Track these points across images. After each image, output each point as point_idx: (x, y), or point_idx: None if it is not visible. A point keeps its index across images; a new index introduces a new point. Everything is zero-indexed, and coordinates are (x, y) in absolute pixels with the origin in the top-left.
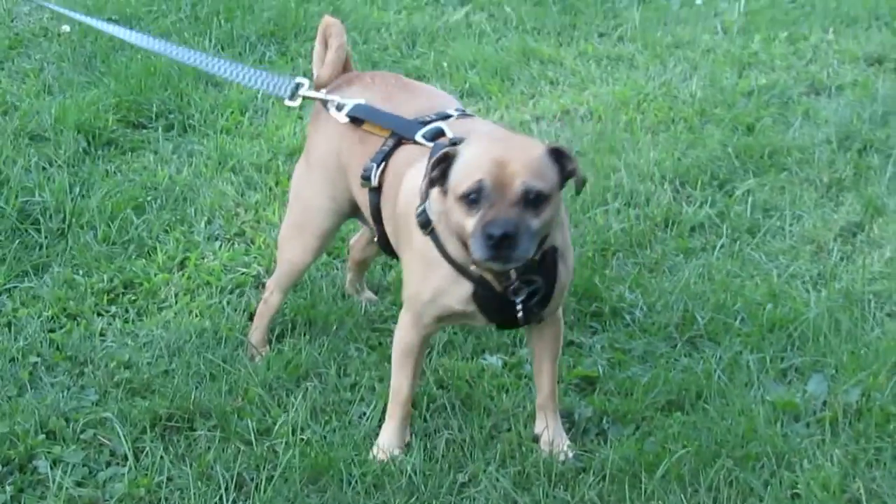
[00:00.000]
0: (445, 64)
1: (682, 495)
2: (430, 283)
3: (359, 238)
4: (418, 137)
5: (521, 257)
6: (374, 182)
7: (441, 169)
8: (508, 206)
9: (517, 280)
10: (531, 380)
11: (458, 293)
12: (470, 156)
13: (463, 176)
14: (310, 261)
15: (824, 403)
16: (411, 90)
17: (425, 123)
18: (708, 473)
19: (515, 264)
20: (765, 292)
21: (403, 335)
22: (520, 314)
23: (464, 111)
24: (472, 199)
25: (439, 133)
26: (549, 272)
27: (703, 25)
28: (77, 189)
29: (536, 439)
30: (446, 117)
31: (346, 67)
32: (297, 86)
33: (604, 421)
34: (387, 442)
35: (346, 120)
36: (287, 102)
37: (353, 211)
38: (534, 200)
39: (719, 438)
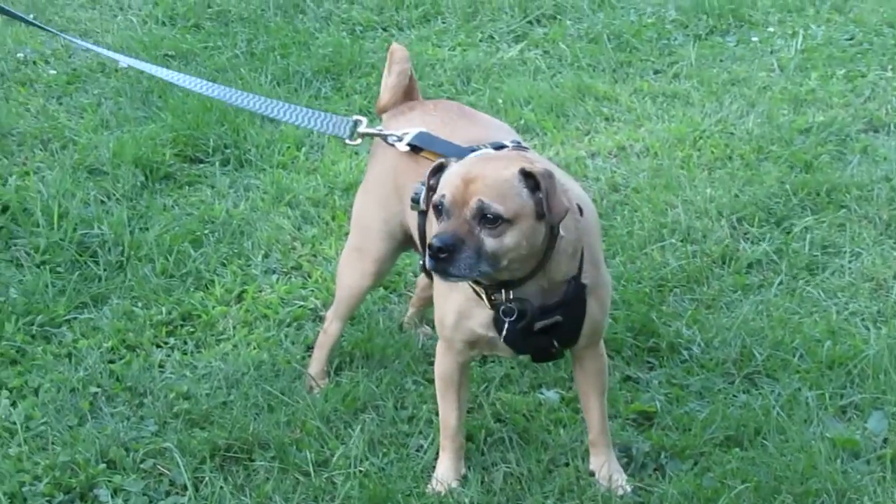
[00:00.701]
0: (500, 100)
1: None
2: (452, 306)
3: (423, 276)
4: None
5: (462, 273)
6: (423, 205)
7: (437, 178)
8: (461, 222)
9: (508, 302)
10: None
11: (480, 317)
12: (449, 171)
13: (438, 189)
14: (367, 286)
15: (885, 441)
16: (471, 119)
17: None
18: None
19: (455, 279)
20: (823, 329)
21: (439, 363)
22: (506, 336)
23: (519, 143)
24: (438, 211)
25: None
26: (573, 307)
27: (759, 63)
28: (135, 222)
29: (593, 474)
30: (500, 147)
31: (412, 95)
32: (356, 123)
33: (662, 456)
34: (443, 474)
35: (407, 149)
36: (348, 142)
37: (407, 237)
38: (491, 220)
39: (778, 475)
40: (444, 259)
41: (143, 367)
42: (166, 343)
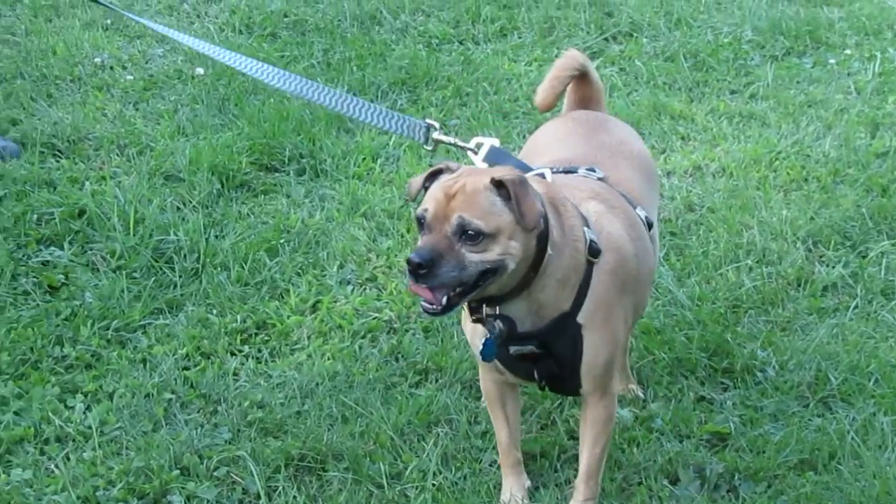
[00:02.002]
0: None
1: None
2: (466, 326)
3: None
4: None
5: (440, 287)
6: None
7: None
8: (441, 237)
9: (490, 316)
10: (662, 434)
11: (478, 333)
12: (437, 182)
13: (423, 201)
14: None
15: None
16: (601, 130)
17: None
18: None
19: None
20: None
21: (481, 381)
22: (483, 351)
23: (593, 169)
24: (420, 225)
25: None
26: (559, 344)
27: (836, 85)
28: (210, 230)
29: None
30: (570, 171)
31: (589, 103)
32: (429, 128)
33: (735, 478)
34: (508, 490)
35: (484, 164)
36: (426, 147)
37: None
38: (472, 236)
39: (853, 500)
40: (423, 275)
41: (218, 374)
42: (240, 351)
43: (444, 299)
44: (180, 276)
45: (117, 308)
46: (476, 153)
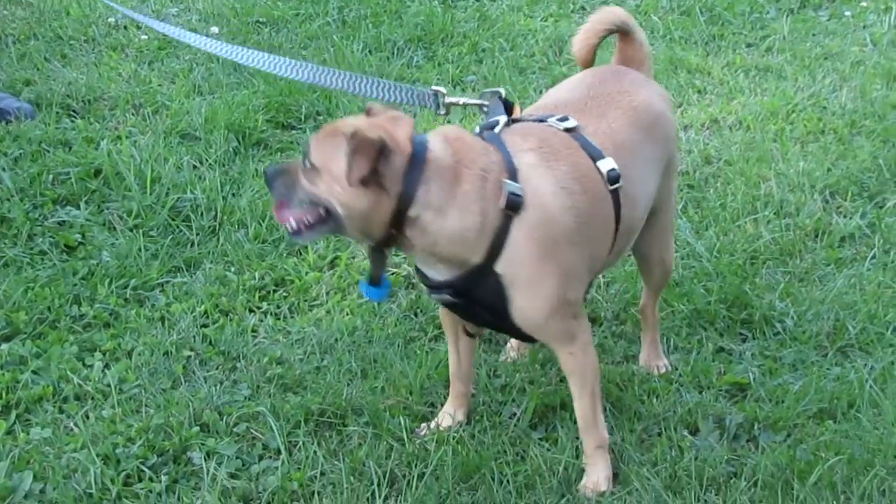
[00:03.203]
0: None
1: (834, 503)
2: None
3: None
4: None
5: (277, 196)
6: None
7: None
8: (297, 162)
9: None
10: (682, 385)
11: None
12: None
13: None
14: None
15: None
16: (618, 80)
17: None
18: (861, 482)
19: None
20: None
21: (439, 311)
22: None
23: (566, 118)
24: None
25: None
26: (479, 293)
27: (852, 37)
28: (228, 188)
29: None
30: (541, 120)
31: (632, 61)
32: (437, 95)
33: (755, 428)
34: (444, 410)
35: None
36: (440, 113)
37: None
38: (309, 167)
39: (872, 448)
40: (267, 184)
41: (237, 331)
42: (259, 308)
43: (293, 222)
44: (198, 235)
45: (135, 267)
46: (485, 112)
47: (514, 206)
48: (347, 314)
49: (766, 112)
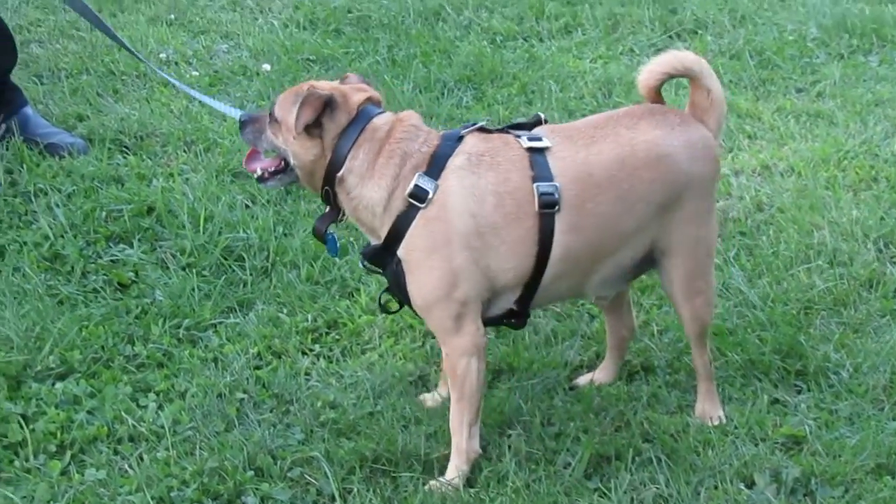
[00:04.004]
0: None
1: None
2: None
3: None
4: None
5: (247, 140)
6: None
7: None
8: (267, 112)
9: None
10: (737, 437)
11: None
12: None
13: None
14: None
15: None
16: (635, 116)
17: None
18: None
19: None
20: None
21: None
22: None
23: (539, 138)
24: None
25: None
26: (388, 272)
27: None
28: (280, 228)
29: None
30: (517, 135)
31: (697, 107)
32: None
33: (812, 482)
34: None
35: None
36: None
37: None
38: (273, 118)
39: None
40: (240, 129)
41: (289, 374)
42: (311, 350)
43: (259, 170)
44: (250, 275)
45: (188, 306)
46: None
47: (416, 196)
48: (401, 359)
49: (818, 158)
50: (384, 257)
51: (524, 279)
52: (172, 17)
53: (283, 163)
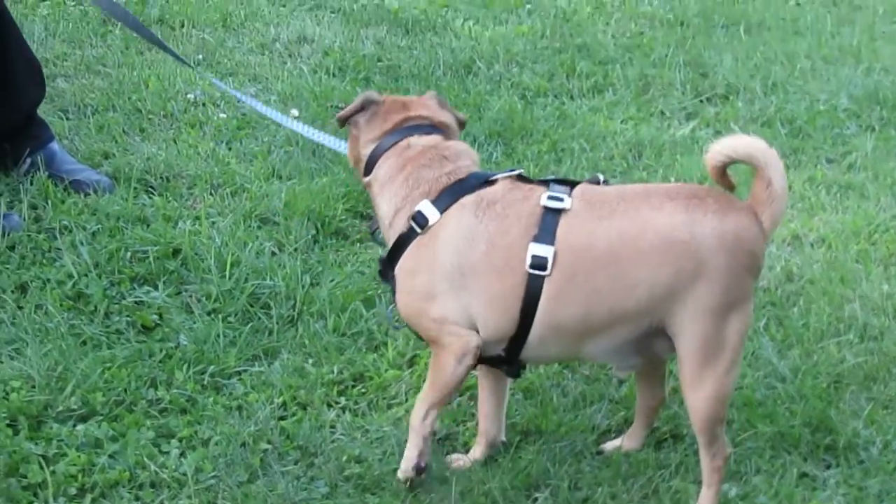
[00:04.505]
0: (672, 178)
1: None
2: None
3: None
4: None
5: None
6: None
7: None
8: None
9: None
10: None
11: None
12: None
13: None
14: None
15: None
16: (667, 199)
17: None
18: None
19: None
20: None
21: None
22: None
23: (561, 198)
24: None
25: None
26: (391, 281)
27: None
28: (307, 277)
29: None
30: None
31: (753, 196)
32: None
33: None
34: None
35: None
36: None
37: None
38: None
39: None
40: None
41: (314, 426)
42: (337, 403)
43: None
44: (277, 323)
45: (212, 352)
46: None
47: (416, 220)
48: None
49: (849, 231)
50: (388, 271)
51: (505, 334)
52: (200, 57)
53: None
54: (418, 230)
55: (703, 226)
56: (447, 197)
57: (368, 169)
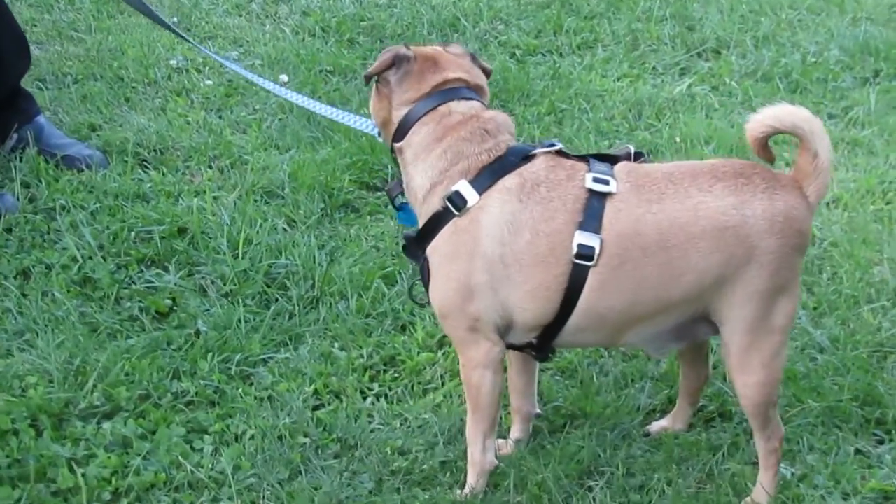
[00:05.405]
0: (678, 139)
1: None
2: None
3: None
4: None
5: None
6: None
7: None
8: None
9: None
10: (827, 491)
11: None
12: None
13: None
14: None
15: None
16: (715, 179)
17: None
18: None
19: None
20: None
21: None
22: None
23: (606, 181)
24: None
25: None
26: (420, 264)
27: None
28: (323, 254)
29: None
30: (605, 160)
31: (798, 169)
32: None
33: None
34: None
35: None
36: None
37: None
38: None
39: None
40: None
41: (351, 415)
42: (370, 390)
43: None
44: (297, 306)
45: (235, 339)
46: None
47: (452, 201)
48: (465, 401)
49: (863, 190)
50: (416, 249)
51: (543, 323)
52: (175, 20)
53: None
54: (456, 212)
55: (753, 208)
56: (486, 177)
57: (401, 133)
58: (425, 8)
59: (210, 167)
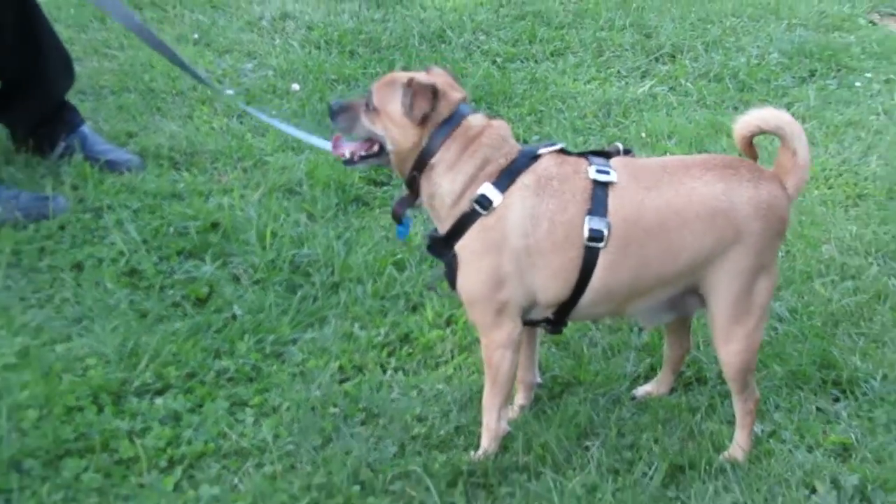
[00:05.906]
0: (644, 134)
1: None
2: None
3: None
4: None
5: (338, 126)
6: None
7: None
8: (361, 101)
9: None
10: (794, 445)
11: None
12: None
13: None
14: None
15: None
16: (706, 170)
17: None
18: None
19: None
20: None
21: None
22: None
23: (606, 171)
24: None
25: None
26: (446, 261)
27: (865, 106)
28: (339, 244)
29: None
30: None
31: (780, 166)
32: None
33: (868, 488)
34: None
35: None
36: None
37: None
38: (370, 107)
39: None
40: (332, 117)
41: (374, 387)
42: (388, 364)
43: (348, 153)
44: (320, 290)
45: (268, 322)
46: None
47: (480, 202)
48: (474, 372)
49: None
50: (443, 247)
51: (561, 300)
52: (196, 36)
53: (376, 147)
54: (482, 212)
55: (740, 195)
56: (506, 178)
57: (428, 153)
58: (415, 22)
59: (235, 168)
